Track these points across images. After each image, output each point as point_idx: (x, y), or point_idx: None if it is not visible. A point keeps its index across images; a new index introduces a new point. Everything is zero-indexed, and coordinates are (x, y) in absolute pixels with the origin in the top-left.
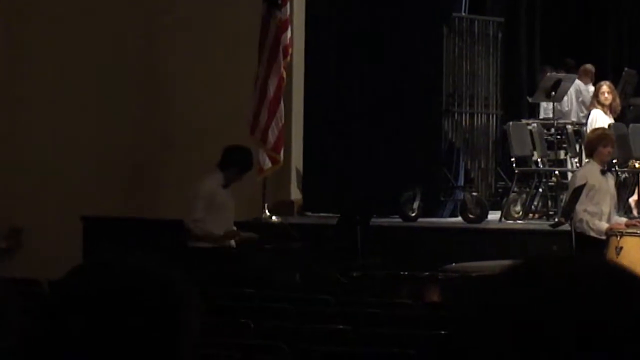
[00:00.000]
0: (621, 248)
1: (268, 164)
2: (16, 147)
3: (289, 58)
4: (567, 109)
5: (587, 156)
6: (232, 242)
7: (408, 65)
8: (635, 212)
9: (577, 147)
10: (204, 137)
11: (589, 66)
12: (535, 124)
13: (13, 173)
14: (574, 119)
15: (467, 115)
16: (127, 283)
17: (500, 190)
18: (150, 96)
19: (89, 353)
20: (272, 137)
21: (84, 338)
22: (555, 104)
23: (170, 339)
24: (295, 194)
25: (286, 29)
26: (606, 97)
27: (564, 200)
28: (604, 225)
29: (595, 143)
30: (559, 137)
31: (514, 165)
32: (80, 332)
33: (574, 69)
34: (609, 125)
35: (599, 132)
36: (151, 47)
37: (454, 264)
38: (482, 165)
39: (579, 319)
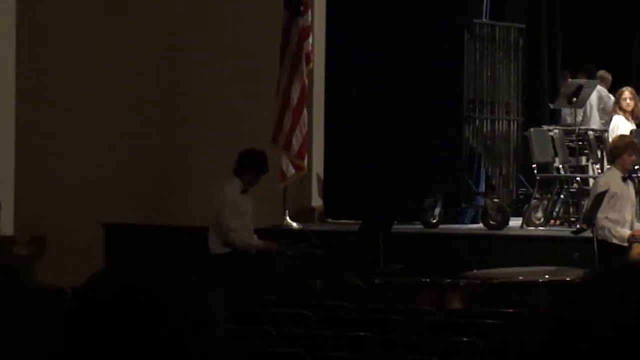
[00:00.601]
0: None
1: (291, 170)
2: (38, 155)
3: (311, 65)
4: (579, 118)
5: (609, 162)
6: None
7: (429, 72)
8: None
9: (599, 153)
10: (224, 144)
11: (604, 73)
12: (556, 130)
13: (35, 180)
14: (594, 125)
15: (488, 121)
16: (151, 286)
17: (521, 196)
18: (171, 103)
19: (113, 358)
20: (296, 144)
21: (109, 343)
22: (571, 110)
23: (197, 342)
24: (317, 201)
25: (308, 36)
26: (628, 103)
27: (585, 207)
28: (627, 232)
29: (621, 150)
30: (580, 143)
31: (535, 171)
32: (105, 337)
33: (595, 75)
34: (631, 132)
35: (627, 140)
36: (172, 54)
37: (475, 271)
38: (503, 172)
39: None
